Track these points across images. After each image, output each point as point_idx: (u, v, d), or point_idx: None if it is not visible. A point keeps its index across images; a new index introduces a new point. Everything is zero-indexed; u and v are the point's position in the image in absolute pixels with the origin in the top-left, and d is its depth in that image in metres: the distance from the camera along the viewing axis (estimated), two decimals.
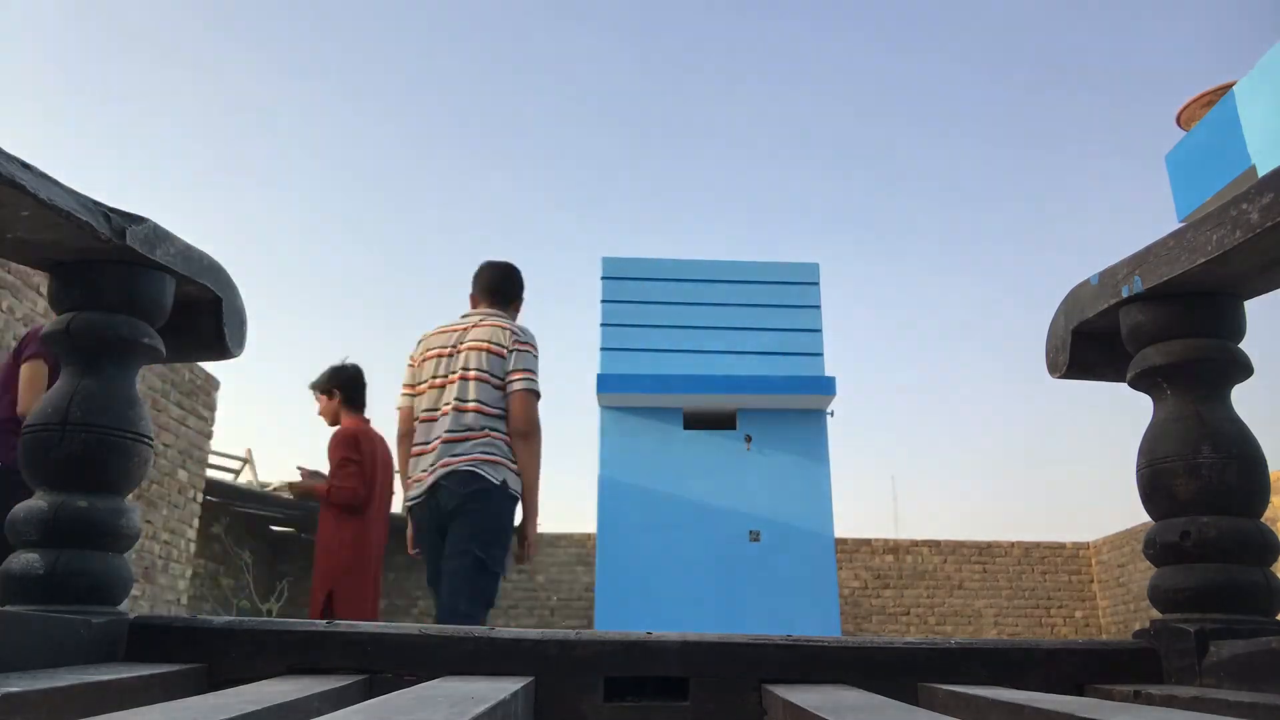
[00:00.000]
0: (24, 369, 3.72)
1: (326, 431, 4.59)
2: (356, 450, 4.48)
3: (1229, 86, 6.40)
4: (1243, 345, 1.36)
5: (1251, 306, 1.36)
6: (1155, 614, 1.38)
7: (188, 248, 1.40)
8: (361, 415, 4.70)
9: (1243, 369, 1.35)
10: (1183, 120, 7.02)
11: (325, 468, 4.56)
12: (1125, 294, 1.37)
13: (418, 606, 12.59)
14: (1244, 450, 1.31)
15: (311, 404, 4.73)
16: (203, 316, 1.50)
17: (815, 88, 26.85)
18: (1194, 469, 1.30)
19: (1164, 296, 1.34)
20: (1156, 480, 1.35)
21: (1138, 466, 1.39)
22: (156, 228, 1.32)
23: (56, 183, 1.15)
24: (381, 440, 4.66)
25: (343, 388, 4.70)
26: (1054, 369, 1.57)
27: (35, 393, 3.59)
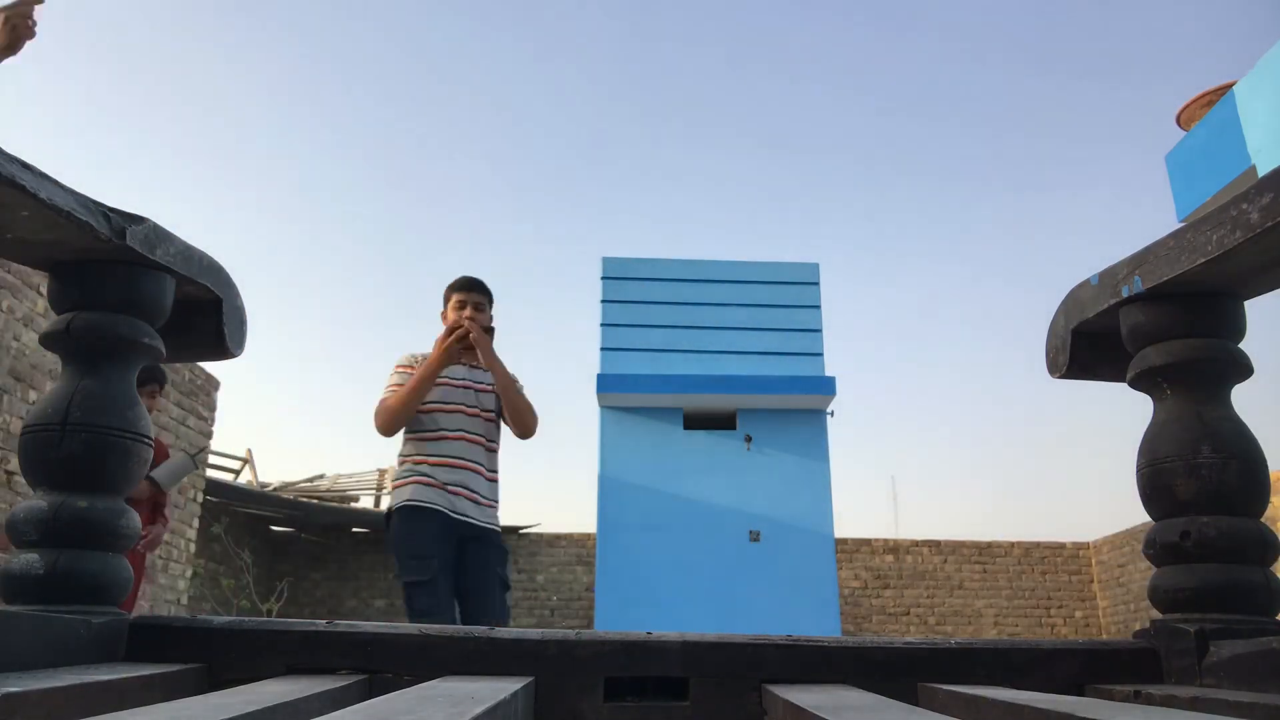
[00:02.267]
0: None
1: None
2: None
3: (1229, 86, 6.40)
4: (1243, 345, 1.36)
5: (1251, 306, 1.37)
6: (1156, 614, 1.38)
7: (187, 248, 1.40)
8: None
9: (1243, 369, 1.34)
10: (1183, 120, 7.02)
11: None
12: (1125, 294, 1.37)
13: None
14: (1244, 450, 1.31)
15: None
16: (203, 316, 1.50)
17: (815, 86, 26.87)
18: (1194, 469, 1.30)
19: (1164, 296, 1.34)
20: (1156, 480, 1.35)
21: (1138, 466, 1.39)
22: (156, 227, 1.32)
23: (56, 182, 1.15)
24: None
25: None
26: (1054, 369, 1.57)
27: None
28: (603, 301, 10.06)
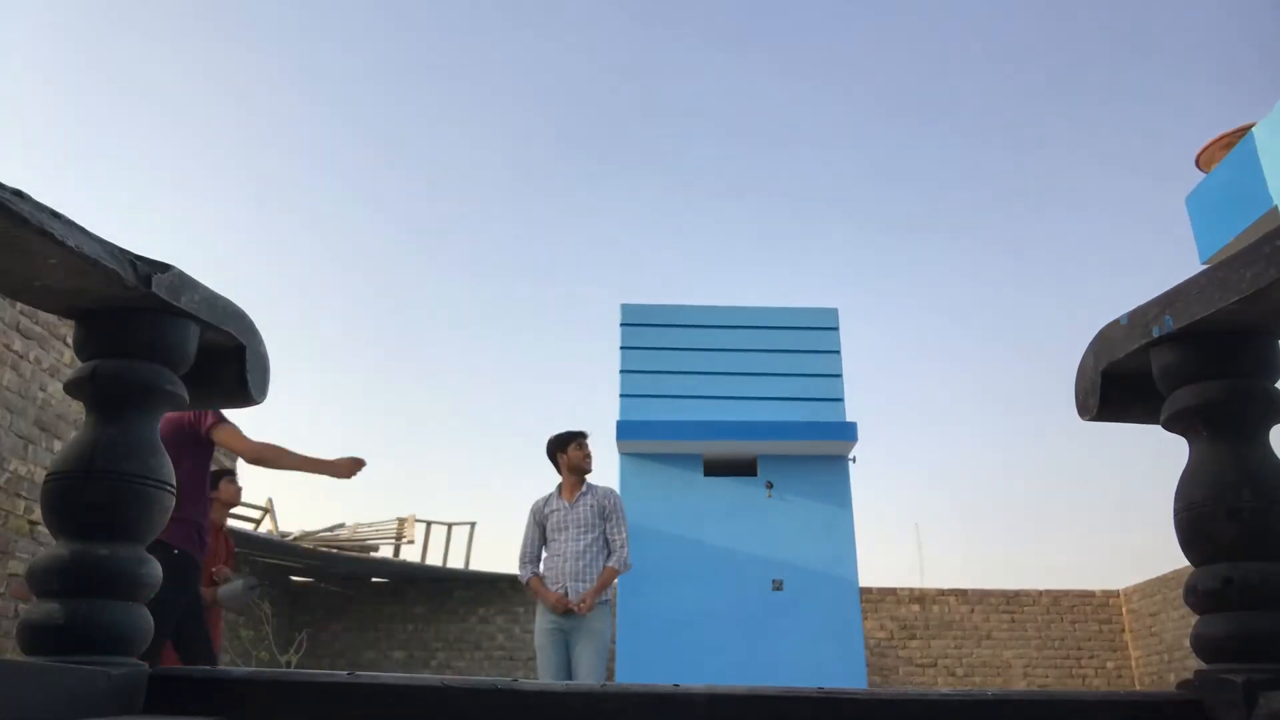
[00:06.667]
0: (223, 433, 3.89)
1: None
2: None
3: (1248, 128, 6.40)
4: None
5: None
6: (1192, 664, 1.33)
7: (212, 295, 1.41)
8: None
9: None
10: (1202, 162, 7.00)
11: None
12: (1156, 334, 1.34)
13: (436, 659, 12.47)
14: None
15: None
16: (226, 363, 1.50)
17: (830, 103, 27.08)
18: (1234, 513, 1.27)
19: (1196, 336, 1.32)
20: (1195, 525, 1.31)
21: (1175, 510, 1.35)
22: (181, 275, 1.33)
23: (84, 230, 1.16)
24: None
25: None
26: (1084, 411, 1.54)
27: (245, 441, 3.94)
28: (621, 348, 10.07)
